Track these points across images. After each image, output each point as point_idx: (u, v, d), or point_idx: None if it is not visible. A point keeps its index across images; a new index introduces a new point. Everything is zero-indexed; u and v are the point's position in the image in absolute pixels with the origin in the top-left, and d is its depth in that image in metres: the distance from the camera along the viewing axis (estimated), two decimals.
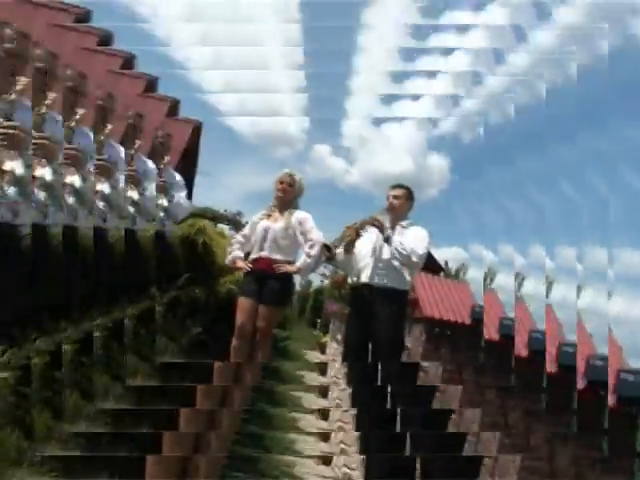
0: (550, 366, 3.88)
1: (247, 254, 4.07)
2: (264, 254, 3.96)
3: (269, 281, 3.92)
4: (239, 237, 4.16)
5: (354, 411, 3.72)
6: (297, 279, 4.75)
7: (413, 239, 3.78)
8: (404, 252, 3.70)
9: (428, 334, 5.65)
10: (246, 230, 4.15)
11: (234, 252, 4.09)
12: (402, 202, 3.92)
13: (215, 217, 4.99)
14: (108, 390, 3.38)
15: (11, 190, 3.07)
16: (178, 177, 4.72)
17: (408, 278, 3.87)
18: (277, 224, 3.99)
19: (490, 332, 5.13)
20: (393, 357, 3.76)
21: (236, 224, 5.34)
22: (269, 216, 4.04)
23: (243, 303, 3.94)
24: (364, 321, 3.81)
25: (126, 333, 3.68)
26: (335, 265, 4.46)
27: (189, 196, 5.72)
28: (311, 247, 3.94)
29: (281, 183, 4.04)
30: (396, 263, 3.75)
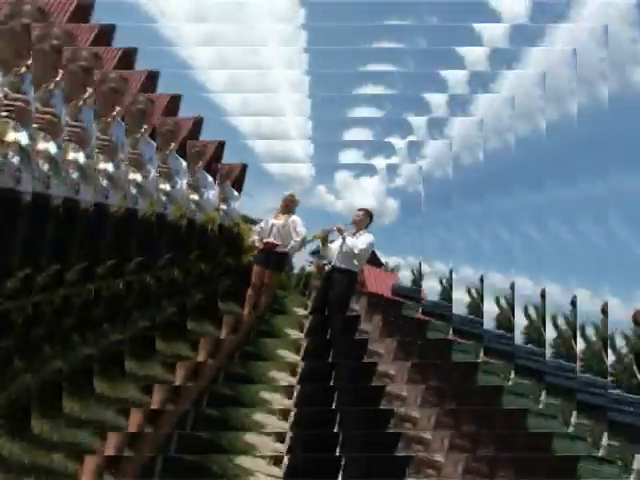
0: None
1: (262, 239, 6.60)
2: (270, 239, 6.44)
3: (272, 256, 6.42)
4: (258, 228, 6.66)
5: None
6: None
7: (360, 240, 6.21)
8: (350, 246, 6.14)
9: (369, 303, 8.24)
10: (262, 224, 6.63)
11: (254, 237, 6.65)
12: (362, 218, 6.31)
13: (249, 220, 7.47)
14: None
15: (15, 159, 3.16)
16: (210, 179, 6.81)
17: (357, 264, 6.30)
18: (279, 222, 6.46)
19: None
20: (341, 310, 6.33)
21: None
22: (277, 217, 6.54)
23: (256, 268, 6.47)
24: (327, 287, 6.39)
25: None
26: (319, 256, 7.08)
27: None
28: (297, 237, 6.40)
29: (286, 200, 6.59)
30: (348, 254, 6.21)
